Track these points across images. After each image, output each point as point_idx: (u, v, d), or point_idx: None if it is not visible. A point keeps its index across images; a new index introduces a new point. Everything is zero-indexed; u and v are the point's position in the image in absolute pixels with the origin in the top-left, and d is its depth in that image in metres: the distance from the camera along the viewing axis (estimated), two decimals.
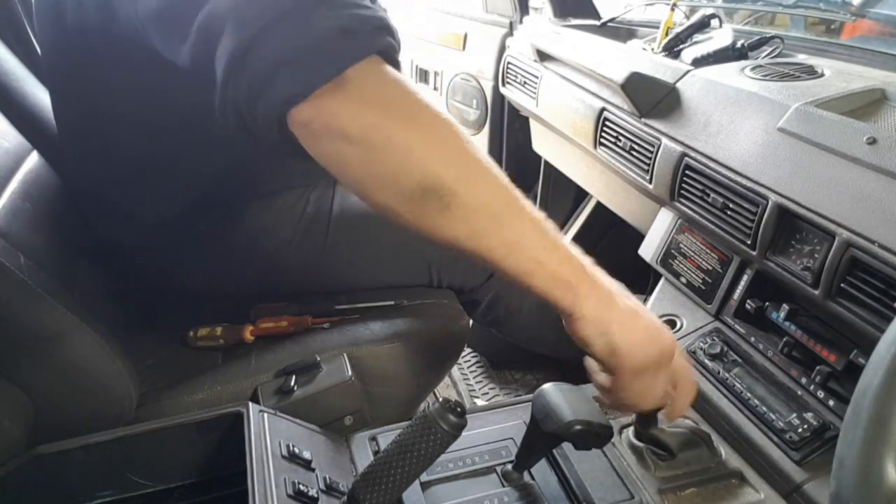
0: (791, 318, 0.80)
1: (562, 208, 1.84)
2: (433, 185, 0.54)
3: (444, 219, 0.56)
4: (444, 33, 1.96)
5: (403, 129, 0.55)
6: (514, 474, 0.68)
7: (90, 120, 0.82)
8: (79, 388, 0.72)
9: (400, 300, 0.98)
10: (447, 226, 0.56)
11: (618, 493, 0.66)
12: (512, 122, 1.81)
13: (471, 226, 0.57)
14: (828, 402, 0.73)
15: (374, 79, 0.55)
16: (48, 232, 0.80)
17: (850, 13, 1.30)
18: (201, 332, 0.91)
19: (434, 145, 0.56)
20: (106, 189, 0.87)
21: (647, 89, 1.04)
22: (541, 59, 1.41)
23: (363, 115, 0.54)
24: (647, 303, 1.03)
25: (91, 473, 0.66)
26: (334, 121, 0.53)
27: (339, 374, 0.83)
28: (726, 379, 0.81)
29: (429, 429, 0.56)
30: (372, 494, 0.56)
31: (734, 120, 0.90)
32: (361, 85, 0.54)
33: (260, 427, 0.64)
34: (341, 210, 0.97)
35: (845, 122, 0.77)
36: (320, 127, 0.54)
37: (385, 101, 0.55)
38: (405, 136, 0.54)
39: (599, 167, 1.30)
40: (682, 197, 0.97)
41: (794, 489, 0.69)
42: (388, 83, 0.56)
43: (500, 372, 1.58)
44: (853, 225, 0.69)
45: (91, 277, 0.87)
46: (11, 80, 0.91)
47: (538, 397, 0.64)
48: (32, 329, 0.67)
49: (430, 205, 0.55)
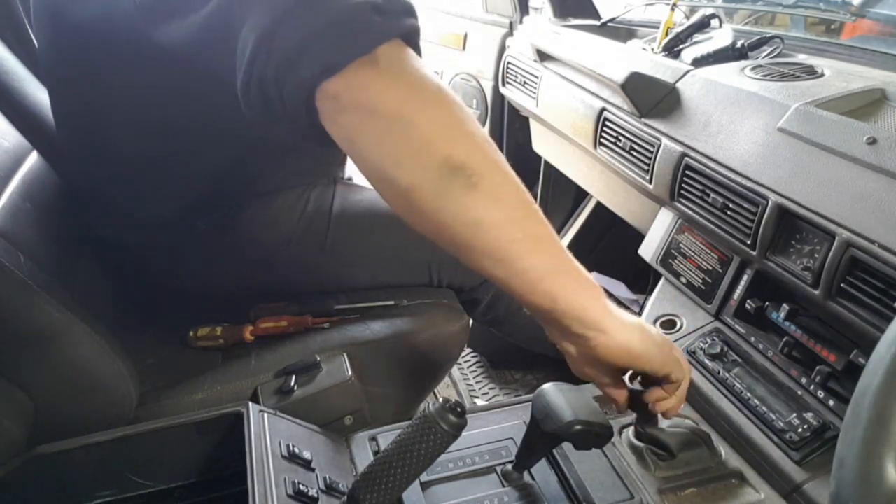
0: (791, 318, 0.80)
1: (562, 208, 1.84)
2: (462, 162, 0.53)
3: (471, 199, 0.53)
4: (444, 33, 1.96)
5: (434, 106, 0.54)
6: (514, 474, 0.68)
7: (88, 119, 0.82)
8: (79, 388, 0.72)
9: (400, 300, 0.98)
10: (473, 207, 0.54)
11: (618, 493, 0.66)
12: (512, 122, 1.81)
13: (497, 210, 0.54)
14: (828, 402, 0.73)
15: (402, 57, 0.54)
16: (48, 231, 0.80)
17: (850, 13, 1.30)
18: (201, 332, 0.91)
19: (463, 125, 0.55)
20: (105, 188, 0.88)
21: (647, 89, 1.04)
22: (541, 59, 1.41)
23: (394, 90, 0.53)
24: (646, 303, 1.04)
25: (91, 473, 0.66)
26: (365, 94, 0.52)
27: (339, 374, 0.83)
28: (726, 379, 0.81)
29: (429, 429, 0.56)
30: (372, 494, 0.56)
31: (734, 120, 0.90)
32: (392, 59, 0.53)
33: (260, 427, 0.64)
34: (341, 209, 0.97)
35: (845, 122, 0.77)
36: (350, 100, 0.53)
37: (416, 77, 0.54)
38: (435, 112, 0.54)
39: (599, 167, 1.30)
40: (682, 197, 0.97)
41: (794, 489, 0.69)
42: (415, 64, 0.55)
43: (500, 372, 1.58)
44: (853, 225, 0.69)
45: (91, 277, 0.87)
46: (11, 80, 0.91)
47: (538, 397, 0.64)
48: (32, 329, 0.67)
49: (457, 182, 0.53)
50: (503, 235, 0.54)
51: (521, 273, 0.55)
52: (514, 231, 0.55)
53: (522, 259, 0.55)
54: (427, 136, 0.53)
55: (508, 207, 0.55)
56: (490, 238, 0.54)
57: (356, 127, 0.54)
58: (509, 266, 0.55)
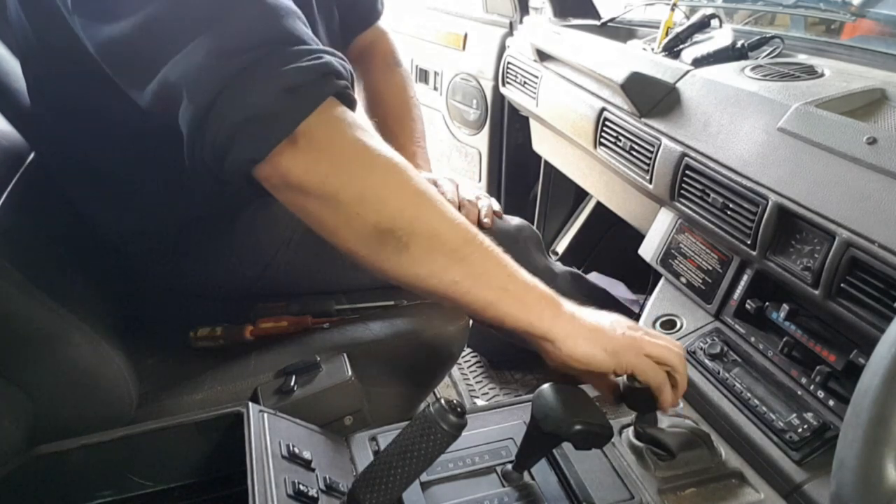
0: (791, 318, 0.80)
1: (562, 208, 1.84)
2: (389, 227, 0.57)
3: (404, 258, 0.58)
4: (444, 33, 1.96)
5: (355, 177, 0.57)
6: (514, 474, 0.68)
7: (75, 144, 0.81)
8: (79, 388, 0.72)
9: (400, 300, 0.98)
10: (408, 265, 0.59)
11: (618, 493, 0.66)
12: (512, 122, 1.81)
13: (432, 262, 0.59)
14: (828, 402, 0.73)
15: (324, 128, 0.57)
16: (48, 232, 0.80)
17: (850, 13, 1.30)
18: (201, 332, 0.91)
19: (387, 189, 0.58)
20: (101, 194, 0.87)
21: (647, 89, 1.05)
22: (541, 59, 1.41)
23: (315, 168, 0.57)
24: (646, 303, 1.04)
25: (91, 473, 0.66)
26: (289, 176, 0.57)
27: (339, 374, 0.82)
28: (726, 379, 0.81)
29: (429, 429, 0.56)
30: (372, 494, 0.56)
31: (734, 120, 0.90)
32: (311, 137, 0.56)
33: (260, 427, 0.64)
34: None
35: (845, 122, 0.77)
36: (279, 182, 0.57)
37: (336, 149, 0.58)
38: (357, 183, 0.57)
39: (599, 167, 1.30)
40: (682, 197, 0.97)
41: (794, 489, 0.69)
42: (338, 131, 0.58)
43: (500, 372, 1.58)
44: (853, 225, 0.69)
45: (91, 277, 0.87)
46: (11, 80, 0.90)
47: (538, 397, 0.64)
48: (32, 329, 0.67)
49: (388, 246, 0.58)
50: (443, 282, 0.60)
51: (467, 305, 0.62)
52: (452, 275, 0.59)
53: (465, 295, 0.61)
54: (353, 207, 0.57)
55: (442, 258, 0.59)
56: (431, 285, 0.60)
57: (291, 202, 0.59)
58: (456, 300, 0.61)
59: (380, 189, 0.58)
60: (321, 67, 0.57)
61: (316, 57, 0.57)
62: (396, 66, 1.16)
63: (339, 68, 0.59)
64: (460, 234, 0.60)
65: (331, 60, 0.59)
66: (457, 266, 0.60)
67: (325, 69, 0.58)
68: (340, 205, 0.57)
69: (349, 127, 0.59)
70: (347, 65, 0.62)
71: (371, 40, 1.17)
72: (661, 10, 1.32)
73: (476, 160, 1.93)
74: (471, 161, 1.95)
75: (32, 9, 0.70)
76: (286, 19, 0.58)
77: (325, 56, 0.58)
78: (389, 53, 1.16)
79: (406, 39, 2.09)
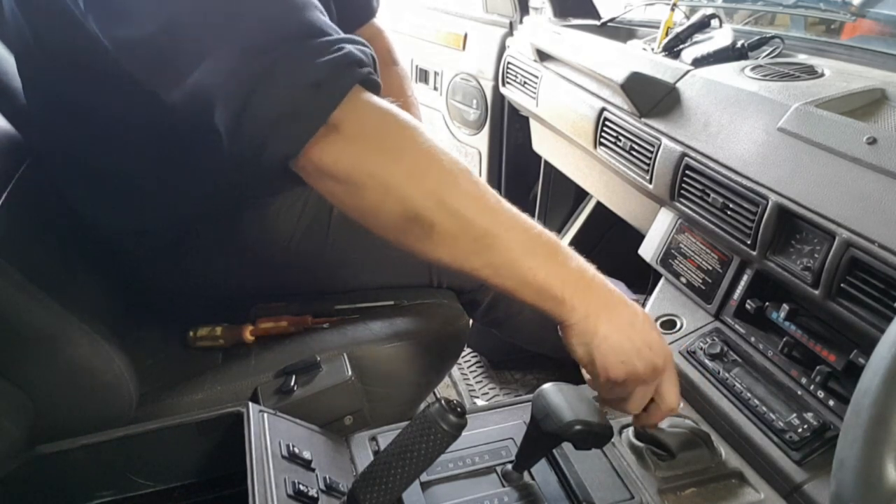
0: (791, 318, 0.80)
1: (562, 208, 1.84)
2: (414, 216, 0.59)
3: (427, 245, 0.61)
4: (444, 33, 1.96)
5: (383, 165, 0.59)
6: (514, 474, 0.68)
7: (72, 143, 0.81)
8: (79, 388, 0.72)
9: (400, 300, 0.98)
10: (431, 251, 0.62)
11: (618, 493, 0.66)
12: (512, 122, 1.81)
13: (453, 251, 0.61)
14: (828, 402, 0.73)
15: (354, 116, 0.59)
16: (48, 232, 0.80)
17: (850, 13, 1.30)
18: (201, 332, 0.91)
19: (413, 178, 0.60)
20: (101, 194, 0.87)
21: (647, 89, 1.04)
22: (541, 59, 1.41)
23: (346, 157, 0.59)
24: (646, 303, 1.03)
25: (91, 473, 0.66)
26: (322, 165, 0.59)
27: (339, 374, 0.82)
28: (726, 379, 0.81)
29: (429, 429, 0.56)
30: (372, 494, 0.56)
31: (734, 120, 0.89)
32: (342, 127, 0.59)
33: (260, 427, 0.64)
34: None
35: (845, 122, 0.77)
36: (313, 171, 0.60)
37: (366, 136, 0.60)
38: (385, 171, 0.59)
39: (599, 167, 1.30)
40: (682, 197, 0.97)
41: (794, 489, 0.69)
42: (368, 118, 0.60)
43: (500, 372, 1.58)
44: (853, 225, 0.69)
45: (91, 277, 0.87)
46: (11, 80, 0.90)
47: (538, 397, 0.64)
48: (32, 329, 0.67)
49: (413, 233, 0.60)
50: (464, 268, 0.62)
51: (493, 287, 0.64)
52: (472, 263, 0.62)
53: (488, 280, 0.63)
54: (380, 194, 0.60)
55: (464, 246, 0.61)
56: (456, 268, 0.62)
57: (326, 189, 0.62)
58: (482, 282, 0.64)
59: (407, 178, 0.59)
60: (343, 59, 0.58)
61: (337, 49, 0.58)
62: (394, 64, 1.15)
63: (360, 56, 0.60)
64: (486, 221, 0.61)
65: (351, 50, 0.60)
66: (477, 255, 0.61)
67: (347, 59, 0.59)
68: (368, 193, 0.59)
69: (378, 112, 0.61)
70: (368, 49, 0.63)
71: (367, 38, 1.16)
72: (661, 10, 1.32)
73: (476, 160, 1.93)
74: (471, 161, 1.95)
75: (30, 7, 0.70)
76: (305, 11, 0.59)
77: (346, 46, 0.59)
78: (386, 52, 1.15)
79: (406, 39, 2.09)
